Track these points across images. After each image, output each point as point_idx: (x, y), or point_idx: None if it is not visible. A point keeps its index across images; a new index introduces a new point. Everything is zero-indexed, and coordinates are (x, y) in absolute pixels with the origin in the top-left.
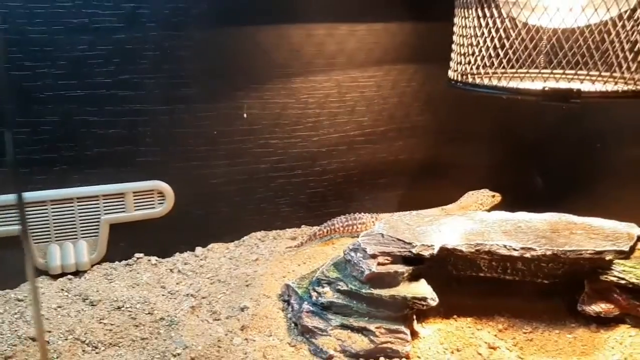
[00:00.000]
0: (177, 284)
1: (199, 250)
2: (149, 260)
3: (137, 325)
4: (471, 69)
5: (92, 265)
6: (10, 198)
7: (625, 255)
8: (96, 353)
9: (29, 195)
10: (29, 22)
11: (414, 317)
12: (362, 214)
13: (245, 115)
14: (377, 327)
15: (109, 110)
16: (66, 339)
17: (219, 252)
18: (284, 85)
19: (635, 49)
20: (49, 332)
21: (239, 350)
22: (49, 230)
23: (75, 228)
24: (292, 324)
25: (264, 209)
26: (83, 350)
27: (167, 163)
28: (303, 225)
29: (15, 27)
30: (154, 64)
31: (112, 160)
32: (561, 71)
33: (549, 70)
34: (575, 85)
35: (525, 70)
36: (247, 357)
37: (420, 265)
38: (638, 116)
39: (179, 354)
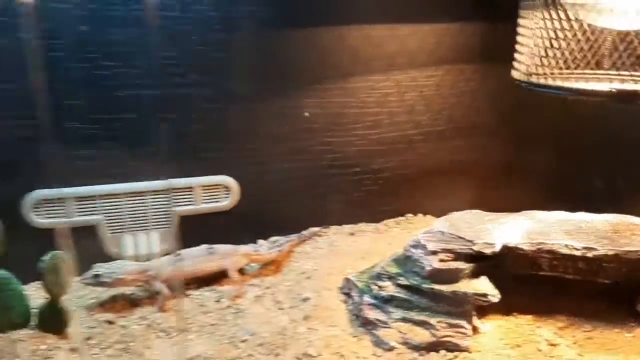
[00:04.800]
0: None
1: (261, 242)
2: None
3: (205, 312)
4: (536, 69)
5: (163, 255)
6: (94, 189)
7: None
8: (168, 338)
9: (104, 188)
10: (109, 24)
11: (474, 313)
12: None
13: (306, 114)
14: (438, 321)
15: (182, 108)
16: (140, 325)
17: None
18: (344, 85)
19: None
20: (124, 317)
21: (302, 339)
22: (123, 222)
23: (147, 219)
24: (353, 316)
25: (322, 205)
26: (156, 336)
27: (233, 159)
28: (360, 222)
29: (95, 29)
30: (224, 66)
31: (182, 156)
32: (627, 73)
33: (615, 72)
34: None
35: (592, 72)
36: (311, 346)
37: (481, 263)
38: None
39: (246, 340)
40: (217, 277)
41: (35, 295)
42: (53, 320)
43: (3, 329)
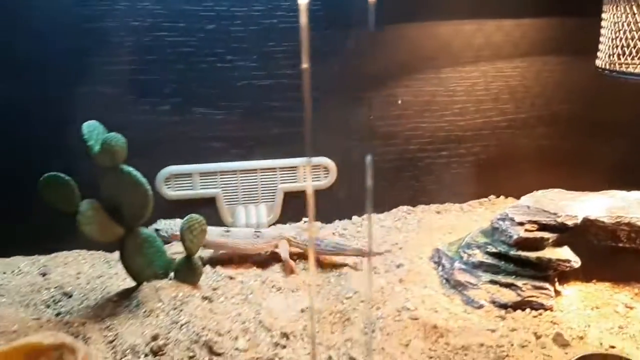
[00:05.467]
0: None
1: (355, 218)
2: (314, 223)
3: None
4: (618, 58)
5: (269, 225)
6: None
7: None
8: (280, 293)
9: (223, 165)
10: (231, 23)
11: (556, 278)
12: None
13: (399, 102)
14: (523, 284)
15: (290, 96)
16: (256, 281)
17: (372, 221)
18: (435, 75)
19: None
20: (241, 274)
21: (400, 296)
22: (237, 195)
23: (257, 194)
24: (444, 280)
25: (411, 186)
26: (269, 291)
27: (332, 143)
28: (446, 202)
29: (220, 27)
30: (326, 59)
31: (289, 139)
32: None
33: None
34: None
35: None
36: (408, 301)
37: (564, 234)
38: None
39: (350, 297)
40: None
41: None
42: (188, 273)
43: (148, 279)
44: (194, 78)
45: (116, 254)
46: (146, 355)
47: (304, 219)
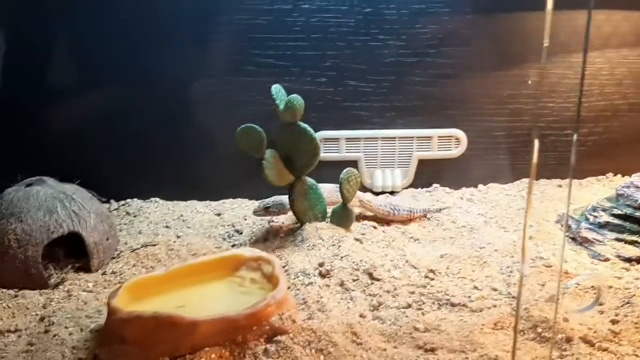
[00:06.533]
0: (468, 206)
1: (480, 186)
2: (444, 189)
3: (444, 229)
4: None
5: (402, 189)
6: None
7: None
8: (418, 242)
9: (366, 132)
10: (386, 7)
11: None
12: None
13: (529, 82)
14: None
15: (430, 73)
16: (396, 232)
17: (496, 190)
18: (564, 59)
19: None
20: (382, 225)
21: (532, 250)
22: (376, 160)
23: (394, 159)
24: (571, 239)
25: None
26: (408, 240)
27: (464, 116)
28: (567, 178)
29: (376, 10)
30: (466, 41)
31: (426, 111)
32: None
33: None
34: None
35: None
36: (540, 254)
37: None
38: None
39: (483, 248)
40: None
41: None
42: (342, 218)
43: (310, 221)
44: (349, 55)
45: None
46: (315, 276)
47: (434, 184)
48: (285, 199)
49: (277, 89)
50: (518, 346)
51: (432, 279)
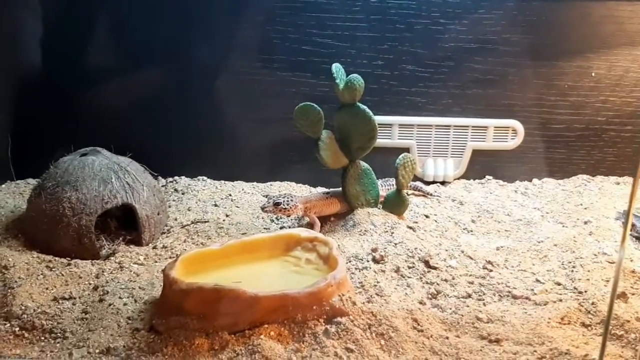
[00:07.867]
0: (522, 200)
1: (535, 180)
2: (497, 182)
3: (497, 222)
4: None
5: (454, 179)
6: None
7: None
8: (472, 234)
9: (420, 119)
10: None
11: None
12: None
13: (593, 74)
14: None
15: (490, 60)
16: (449, 222)
17: (552, 185)
18: (630, 52)
19: None
20: (434, 215)
21: (593, 245)
22: (429, 148)
23: (447, 148)
24: (634, 238)
25: (592, 155)
26: (462, 231)
27: (523, 107)
28: (625, 176)
29: None
30: (529, 28)
31: (483, 100)
32: None
33: None
34: None
35: None
36: (600, 250)
37: None
38: None
39: (542, 242)
40: None
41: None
42: (396, 204)
43: (362, 205)
44: (408, 38)
45: None
46: (369, 261)
47: (487, 176)
48: (297, 196)
49: (337, 68)
50: (586, 341)
51: (491, 270)
